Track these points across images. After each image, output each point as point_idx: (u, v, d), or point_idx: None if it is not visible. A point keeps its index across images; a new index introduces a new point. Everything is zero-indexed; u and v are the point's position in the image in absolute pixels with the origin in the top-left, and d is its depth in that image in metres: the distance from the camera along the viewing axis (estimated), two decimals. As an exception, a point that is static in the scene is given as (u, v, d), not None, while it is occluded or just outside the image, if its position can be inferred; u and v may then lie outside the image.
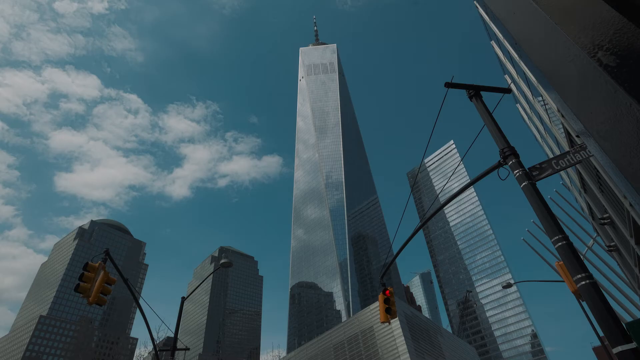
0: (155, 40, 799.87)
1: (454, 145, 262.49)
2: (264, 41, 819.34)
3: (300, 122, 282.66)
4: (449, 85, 9.24)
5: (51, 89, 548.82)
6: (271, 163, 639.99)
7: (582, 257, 23.42)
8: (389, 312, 13.89)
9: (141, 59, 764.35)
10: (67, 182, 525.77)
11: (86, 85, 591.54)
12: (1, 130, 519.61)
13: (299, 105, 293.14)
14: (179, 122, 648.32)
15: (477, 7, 23.20)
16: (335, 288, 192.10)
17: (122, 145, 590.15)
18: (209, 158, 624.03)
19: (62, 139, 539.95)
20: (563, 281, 16.58)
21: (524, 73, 18.33)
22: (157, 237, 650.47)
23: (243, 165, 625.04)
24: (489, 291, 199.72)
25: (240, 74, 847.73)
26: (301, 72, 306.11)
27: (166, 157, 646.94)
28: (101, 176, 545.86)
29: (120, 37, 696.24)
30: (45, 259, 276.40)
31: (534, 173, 7.26)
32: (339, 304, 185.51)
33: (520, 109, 29.44)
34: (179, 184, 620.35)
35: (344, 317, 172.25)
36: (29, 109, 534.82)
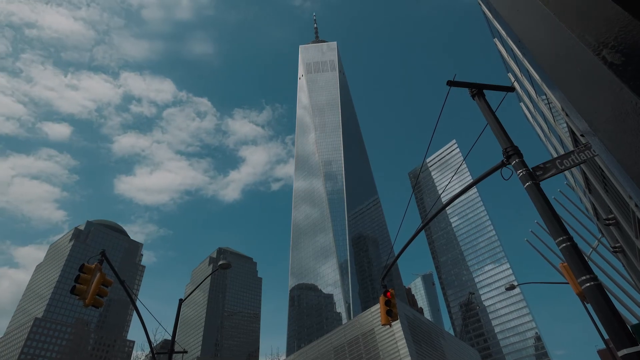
0: (234, 44, 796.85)
1: (456, 145, 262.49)
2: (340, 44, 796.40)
3: (299, 121, 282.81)
4: (451, 83, 9.24)
5: (125, 92, 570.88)
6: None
7: (586, 258, 23.39)
8: (390, 314, 13.89)
9: (218, 64, 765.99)
10: (125, 185, 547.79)
11: (159, 89, 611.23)
12: (71, 133, 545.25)
13: (298, 103, 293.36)
14: (243, 126, 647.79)
15: (480, 4, 23.21)
16: (336, 290, 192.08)
17: (185, 149, 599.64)
18: (266, 161, 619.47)
19: (127, 142, 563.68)
20: (567, 283, 16.58)
21: (528, 71, 18.35)
22: (158, 237, 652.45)
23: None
24: (492, 293, 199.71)
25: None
26: (301, 70, 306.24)
27: (225, 160, 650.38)
28: (159, 180, 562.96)
29: (201, 41, 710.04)
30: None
31: (538, 173, 7.26)
32: (339, 306, 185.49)
33: (524, 108, 29.45)
34: (232, 188, 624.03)
35: (344, 320, 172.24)
36: (100, 113, 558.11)
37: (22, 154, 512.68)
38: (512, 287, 24.32)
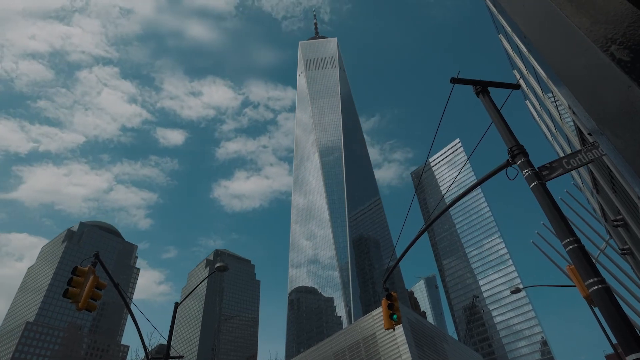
0: (361, 50, 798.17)
1: (460, 144, 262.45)
2: (451, 47, 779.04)
3: (299, 120, 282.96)
4: (455, 80, 9.24)
5: (244, 99, 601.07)
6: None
7: (594, 260, 23.39)
8: (394, 318, 13.87)
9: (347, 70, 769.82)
10: (222, 190, 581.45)
11: (279, 96, 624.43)
12: (184, 139, 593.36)
13: (297, 101, 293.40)
14: None
15: (484, -1, 23.20)
16: (336, 293, 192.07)
17: (287, 155, 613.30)
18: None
19: (233, 147, 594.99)
20: (574, 286, 16.58)
21: (534, 68, 18.34)
22: (155, 239, 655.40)
23: (389, 174, 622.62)
24: (497, 296, 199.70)
25: (429, 82, 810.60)
26: (300, 67, 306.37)
27: None
28: (254, 185, 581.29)
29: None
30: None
31: (544, 173, 7.26)
32: (340, 310, 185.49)
33: (530, 106, 29.46)
34: None
35: (344, 324, 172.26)
36: (216, 118, 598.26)
37: (131, 160, 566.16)
38: (517, 290, 24.33)
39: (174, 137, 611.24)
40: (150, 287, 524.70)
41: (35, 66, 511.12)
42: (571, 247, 6.03)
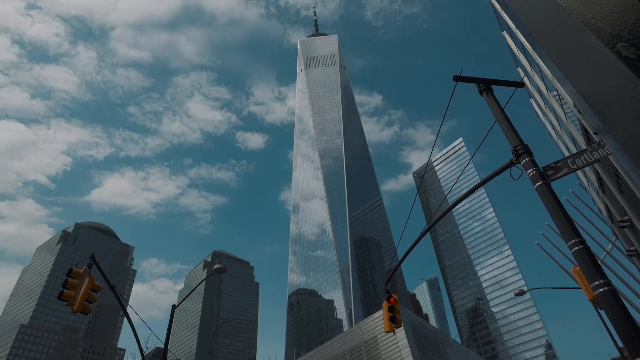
0: (445, 55, 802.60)
1: (463, 143, 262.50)
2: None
3: (298, 118, 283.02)
4: (458, 78, 9.23)
5: None
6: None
7: (600, 262, 23.37)
8: (394, 320, 13.88)
9: (416, 76, 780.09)
10: (289, 193, 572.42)
11: (364, 101, 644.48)
12: (265, 142, 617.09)
13: (297, 99, 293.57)
14: (425, 135, 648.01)
15: (487, -5, 23.19)
16: (336, 295, 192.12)
17: None
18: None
19: None
20: (579, 288, 16.58)
21: (538, 66, 18.33)
22: (151, 240, 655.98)
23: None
24: (501, 299, 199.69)
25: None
26: (300, 65, 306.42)
27: (394, 168, 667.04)
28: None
29: (418, 54, 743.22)
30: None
31: (549, 172, 7.25)
32: (340, 313, 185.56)
33: (534, 104, 29.45)
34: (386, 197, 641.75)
35: (345, 327, 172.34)
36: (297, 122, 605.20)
37: (209, 165, 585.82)
38: (521, 293, 24.33)
39: (255, 140, 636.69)
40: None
41: (133, 74, 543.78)
42: (576, 248, 6.02)
